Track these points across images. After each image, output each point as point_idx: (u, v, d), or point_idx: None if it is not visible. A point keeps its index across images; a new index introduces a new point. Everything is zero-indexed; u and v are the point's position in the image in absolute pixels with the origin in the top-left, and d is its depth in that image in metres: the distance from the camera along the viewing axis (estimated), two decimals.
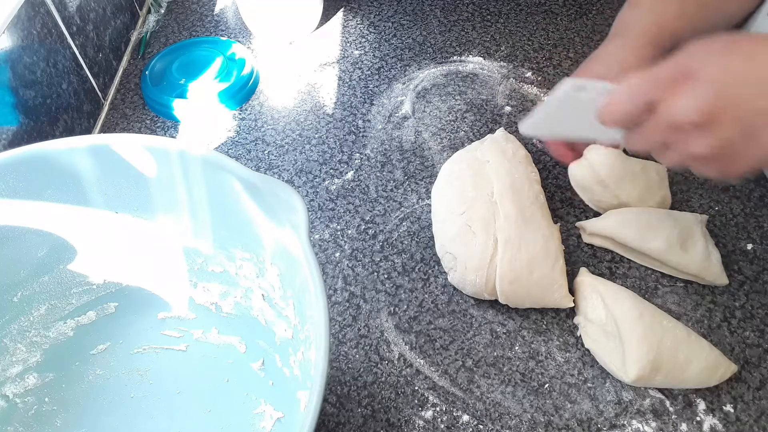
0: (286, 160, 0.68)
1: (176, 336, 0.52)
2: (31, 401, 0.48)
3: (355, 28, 0.83)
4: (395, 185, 0.65)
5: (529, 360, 0.53)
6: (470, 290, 0.55)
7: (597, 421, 0.49)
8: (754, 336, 0.54)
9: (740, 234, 0.61)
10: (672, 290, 0.57)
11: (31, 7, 0.59)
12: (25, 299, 0.46)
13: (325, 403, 0.51)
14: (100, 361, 0.51)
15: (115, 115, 0.73)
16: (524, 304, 0.54)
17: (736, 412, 0.50)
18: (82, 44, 0.69)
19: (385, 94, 0.75)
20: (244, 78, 0.74)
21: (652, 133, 0.38)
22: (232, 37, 0.82)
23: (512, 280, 0.52)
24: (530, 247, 0.53)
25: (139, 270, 0.50)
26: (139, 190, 0.45)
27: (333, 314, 0.56)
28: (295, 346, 0.43)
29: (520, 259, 0.52)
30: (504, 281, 0.52)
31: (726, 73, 0.36)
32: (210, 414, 0.49)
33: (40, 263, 0.46)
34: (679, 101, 0.36)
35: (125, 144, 0.42)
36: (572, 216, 0.62)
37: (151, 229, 0.47)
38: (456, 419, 0.49)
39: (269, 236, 0.41)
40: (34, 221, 0.44)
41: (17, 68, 0.57)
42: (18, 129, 0.57)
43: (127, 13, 0.81)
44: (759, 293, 0.56)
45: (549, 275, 0.52)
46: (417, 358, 0.53)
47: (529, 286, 0.52)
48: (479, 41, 0.81)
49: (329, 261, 0.59)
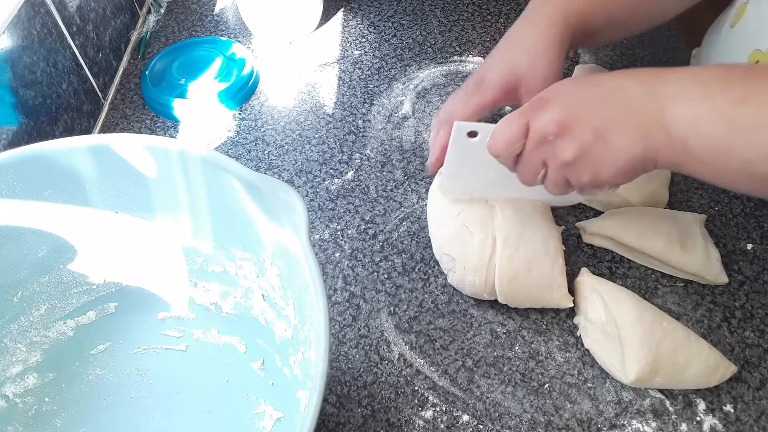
0: (286, 160, 0.68)
1: (176, 336, 0.52)
2: (31, 401, 0.48)
3: (355, 28, 0.83)
4: (395, 185, 0.65)
5: (529, 360, 0.53)
6: (470, 291, 0.55)
7: (597, 421, 0.49)
8: (754, 336, 0.54)
9: (740, 234, 0.61)
10: (672, 290, 0.57)
11: (31, 7, 0.59)
12: (25, 299, 0.46)
13: (325, 403, 0.51)
14: (100, 361, 0.51)
15: (115, 115, 0.73)
16: (523, 303, 0.54)
17: (736, 412, 0.50)
18: (82, 44, 0.69)
19: (385, 94, 0.75)
20: (244, 78, 0.74)
21: (530, 154, 0.44)
22: (232, 37, 0.82)
23: (511, 279, 0.52)
24: (529, 246, 0.52)
25: (139, 270, 0.50)
26: (139, 190, 0.45)
27: (333, 314, 0.56)
28: (295, 346, 0.43)
29: (519, 258, 0.52)
30: (503, 280, 0.52)
31: (576, 93, 0.43)
32: (210, 414, 0.49)
33: (40, 263, 0.46)
34: (540, 118, 0.43)
35: (125, 144, 0.42)
36: (572, 216, 0.62)
37: (151, 229, 0.47)
38: (456, 419, 0.49)
39: (269, 236, 0.41)
40: (34, 221, 0.44)
41: (17, 68, 0.57)
42: (18, 129, 0.57)
43: (127, 13, 0.81)
44: (759, 293, 0.56)
45: (548, 274, 0.52)
46: (417, 358, 0.53)
47: (528, 286, 0.52)
48: (479, 41, 0.81)
49: (329, 261, 0.59)
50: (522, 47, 0.51)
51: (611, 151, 0.41)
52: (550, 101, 0.43)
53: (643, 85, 0.40)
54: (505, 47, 0.53)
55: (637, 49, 0.78)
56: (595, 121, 0.41)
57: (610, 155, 0.41)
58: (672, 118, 0.39)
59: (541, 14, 0.52)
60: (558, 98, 0.43)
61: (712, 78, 0.39)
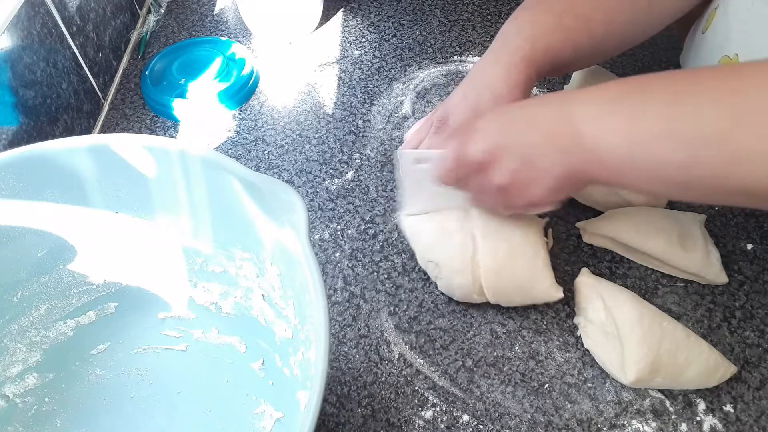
0: (286, 160, 0.68)
1: (176, 336, 0.52)
2: (31, 401, 0.48)
3: (355, 28, 0.83)
4: (395, 185, 0.65)
5: (529, 360, 0.53)
6: (459, 294, 0.54)
7: (597, 421, 0.49)
8: (754, 336, 0.54)
9: (740, 234, 0.61)
10: (672, 290, 0.57)
11: (31, 7, 0.59)
12: (25, 299, 0.46)
13: (325, 403, 0.51)
14: (100, 361, 0.50)
15: (115, 115, 0.73)
16: (513, 300, 0.54)
17: (736, 412, 0.50)
18: (82, 44, 0.69)
19: (385, 94, 0.75)
20: (244, 78, 0.74)
21: (468, 181, 0.47)
22: (232, 37, 0.82)
23: (497, 273, 0.51)
24: (509, 238, 0.52)
25: (139, 270, 0.50)
26: (139, 190, 0.45)
27: (333, 314, 0.56)
28: (295, 346, 0.43)
29: (501, 250, 0.51)
30: (489, 275, 0.51)
31: (501, 124, 0.46)
32: (210, 414, 0.49)
33: (40, 263, 0.46)
34: (471, 150, 0.46)
35: (125, 144, 0.42)
36: (572, 216, 0.62)
37: (151, 229, 0.47)
38: (456, 419, 0.49)
39: (269, 236, 0.41)
40: (34, 221, 0.44)
41: (17, 68, 0.57)
42: (18, 129, 0.57)
43: (127, 13, 0.81)
44: (759, 293, 0.56)
45: (532, 265, 0.52)
46: (417, 358, 0.53)
47: (514, 278, 0.52)
48: (479, 41, 0.81)
49: (329, 261, 0.59)
50: (486, 88, 0.52)
51: (538, 174, 0.44)
52: (479, 133, 0.46)
53: (556, 111, 0.43)
54: (470, 86, 0.53)
55: (637, 50, 0.78)
56: (521, 148, 0.44)
57: (537, 178, 0.44)
58: (584, 137, 0.41)
59: (509, 52, 0.52)
60: (486, 129, 0.46)
61: (612, 95, 0.42)
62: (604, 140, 0.40)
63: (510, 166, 0.44)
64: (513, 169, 0.44)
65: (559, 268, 0.58)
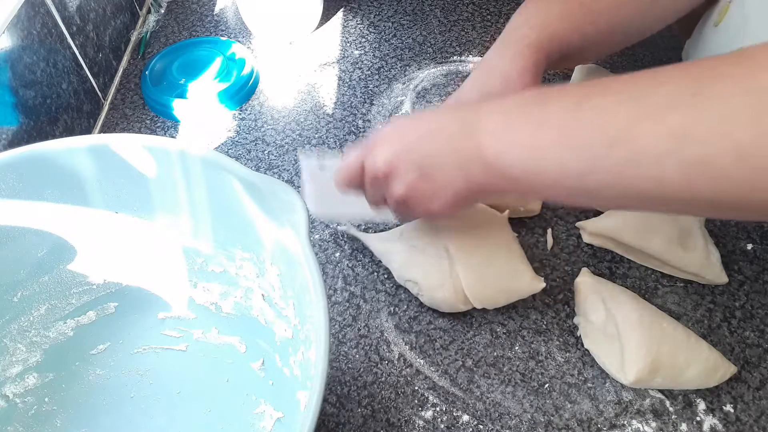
0: (286, 160, 0.68)
1: (176, 336, 0.52)
2: (31, 401, 0.48)
3: (355, 28, 0.83)
4: None
5: (529, 360, 0.53)
6: (446, 307, 0.54)
7: (597, 421, 0.49)
8: (754, 336, 0.54)
9: (740, 234, 0.61)
10: (672, 290, 0.57)
11: (31, 7, 0.59)
12: (25, 299, 0.46)
13: (325, 403, 0.51)
14: (100, 361, 0.51)
15: (115, 115, 0.73)
16: (499, 301, 0.53)
17: (736, 412, 0.50)
18: (82, 44, 0.69)
19: (385, 94, 0.75)
20: (244, 78, 0.74)
21: (369, 189, 0.47)
22: (232, 37, 0.82)
23: (477, 279, 0.51)
24: (482, 244, 0.52)
25: (139, 270, 0.50)
26: (139, 190, 0.45)
27: (333, 314, 0.56)
28: (295, 346, 0.43)
29: (476, 255, 0.51)
30: (470, 283, 0.51)
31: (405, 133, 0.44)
32: (210, 414, 0.49)
33: (40, 263, 0.46)
34: (371, 159, 0.45)
35: (125, 144, 0.42)
36: (572, 216, 0.62)
37: (151, 229, 0.47)
38: (456, 419, 0.49)
39: (269, 236, 0.41)
40: (34, 221, 0.44)
41: (17, 68, 0.57)
42: (18, 129, 0.57)
43: (127, 13, 0.81)
44: (759, 293, 0.56)
45: (509, 264, 0.52)
46: (417, 358, 0.53)
47: (495, 279, 0.52)
48: (479, 41, 0.81)
49: (329, 261, 0.59)
50: (496, 72, 0.52)
51: (436, 187, 0.43)
52: (382, 141, 0.45)
53: (463, 123, 0.42)
54: (480, 74, 0.53)
55: (637, 49, 0.78)
56: (421, 159, 0.43)
57: (435, 191, 0.43)
58: (486, 151, 0.40)
59: (516, 40, 0.52)
60: (388, 138, 0.45)
61: (514, 107, 0.40)
62: (506, 154, 0.39)
63: (407, 177, 0.43)
64: (410, 180, 0.43)
65: (559, 268, 0.58)
